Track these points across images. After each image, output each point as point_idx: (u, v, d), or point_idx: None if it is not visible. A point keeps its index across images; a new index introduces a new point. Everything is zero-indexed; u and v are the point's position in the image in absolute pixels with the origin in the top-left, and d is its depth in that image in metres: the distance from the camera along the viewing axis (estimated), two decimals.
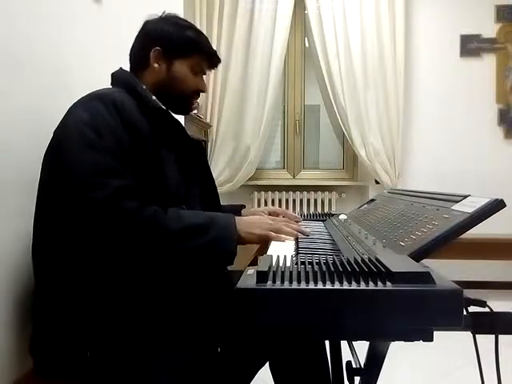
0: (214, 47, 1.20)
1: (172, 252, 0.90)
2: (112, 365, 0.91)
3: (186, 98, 1.16)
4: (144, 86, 1.08)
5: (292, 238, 1.02)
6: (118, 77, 1.11)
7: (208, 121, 3.21)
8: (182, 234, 0.91)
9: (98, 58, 1.48)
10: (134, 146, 0.95)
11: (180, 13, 2.43)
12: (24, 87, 1.11)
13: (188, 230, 0.92)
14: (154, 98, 1.08)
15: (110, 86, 1.11)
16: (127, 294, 0.92)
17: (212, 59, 1.18)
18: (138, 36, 1.15)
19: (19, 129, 1.09)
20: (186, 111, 1.23)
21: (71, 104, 1.00)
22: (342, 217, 1.33)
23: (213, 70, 1.24)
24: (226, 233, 0.94)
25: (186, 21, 1.18)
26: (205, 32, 1.27)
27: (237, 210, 1.29)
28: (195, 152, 1.19)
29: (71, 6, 1.33)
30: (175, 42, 1.11)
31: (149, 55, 1.10)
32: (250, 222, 1.04)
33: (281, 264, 0.62)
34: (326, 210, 3.37)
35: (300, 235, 1.04)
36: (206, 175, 1.20)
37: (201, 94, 1.19)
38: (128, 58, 1.16)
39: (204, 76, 1.18)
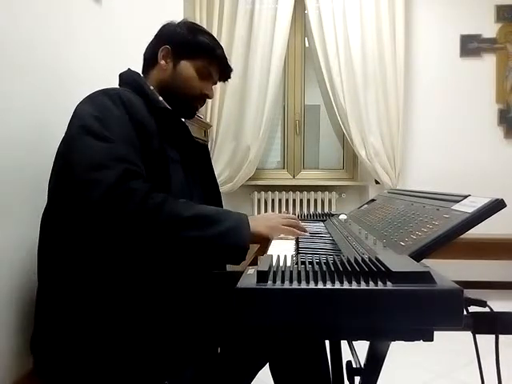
0: None
1: (180, 239, 0.87)
2: (112, 367, 0.90)
3: (189, 100, 1.14)
4: (151, 87, 1.09)
5: (306, 234, 1.08)
6: (125, 77, 1.10)
7: (208, 121, 3.21)
8: (194, 221, 0.89)
9: (97, 57, 1.48)
10: (141, 142, 0.94)
11: (180, 13, 2.43)
12: (23, 87, 1.11)
13: (200, 218, 0.90)
14: (160, 98, 1.08)
15: (117, 87, 1.09)
16: (128, 294, 0.91)
17: (222, 67, 1.16)
18: (152, 39, 1.16)
19: (19, 129, 1.09)
20: (189, 114, 1.19)
21: (70, 104, 0.99)
22: (342, 217, 1.33)
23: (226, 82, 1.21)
24: (240, 225, 0.93)
25: (204, 28, 1.18)
26: None
27: None
28: (200, 155, 1.18)
29: (71, 6, 1.33)
30: (185, 42, 1.11)
31: (157, 53, 1.11)
32: (261, 218, 1.08)
33: (281, 264, 0.62)
34: (326, 210, 3.37)
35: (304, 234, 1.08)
36: (209, 179, 1.19)
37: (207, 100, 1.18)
38: (128, 58, 1.16)
39: (214, 85, 1.17)
